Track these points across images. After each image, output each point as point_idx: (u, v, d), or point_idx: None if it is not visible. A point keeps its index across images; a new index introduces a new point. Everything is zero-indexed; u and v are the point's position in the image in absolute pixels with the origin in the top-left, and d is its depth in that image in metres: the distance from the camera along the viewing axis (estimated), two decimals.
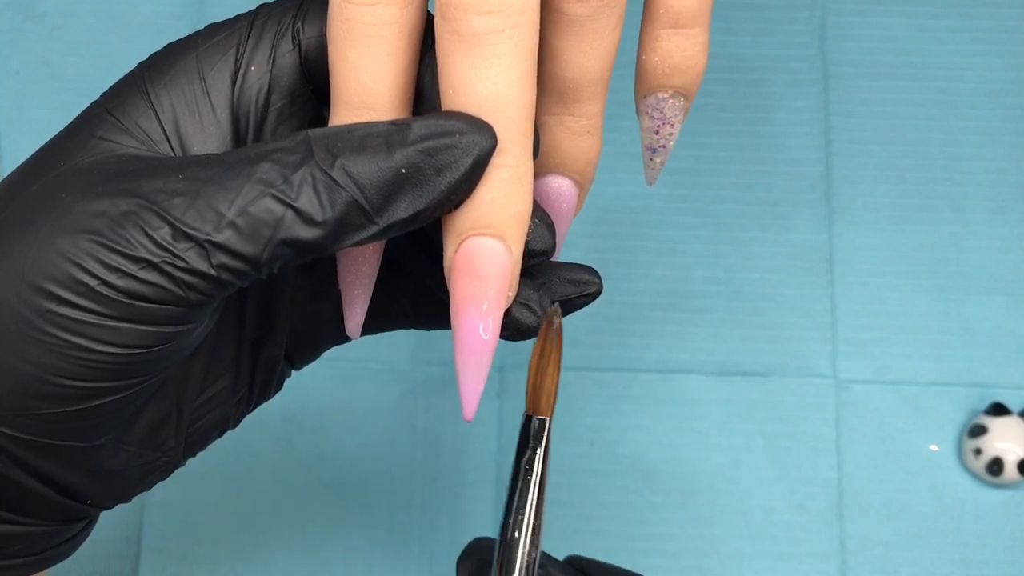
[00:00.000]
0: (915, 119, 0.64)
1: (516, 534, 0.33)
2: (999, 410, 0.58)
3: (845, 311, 0.62)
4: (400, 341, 0.61)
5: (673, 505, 0.60)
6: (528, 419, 0.34)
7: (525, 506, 0.33)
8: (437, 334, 0.58)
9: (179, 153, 0.31)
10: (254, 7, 0.33)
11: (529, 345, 0.34)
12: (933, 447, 0.60)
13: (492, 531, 0.59)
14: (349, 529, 0.60)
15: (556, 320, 0.32)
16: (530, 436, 0.33)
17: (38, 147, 0.32)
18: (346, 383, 0.61)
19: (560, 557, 0.59)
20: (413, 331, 0.39)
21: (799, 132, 0.64)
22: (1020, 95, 0.64)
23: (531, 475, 0.33)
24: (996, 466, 0.57)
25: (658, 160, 0.34)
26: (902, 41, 0.66)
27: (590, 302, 0.34)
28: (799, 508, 0.59)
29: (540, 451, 0.33)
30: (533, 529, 0.33)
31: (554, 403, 0.33)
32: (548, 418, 0.33)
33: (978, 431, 0.58)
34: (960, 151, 0.64)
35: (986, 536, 0.59)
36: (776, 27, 0.66)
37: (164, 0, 0.67)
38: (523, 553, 0.33)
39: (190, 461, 0.36)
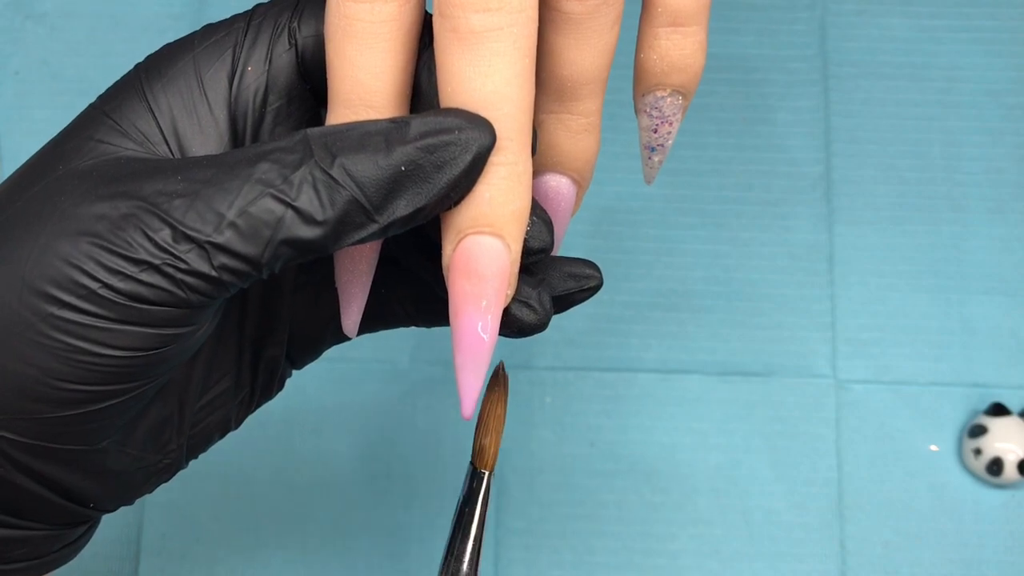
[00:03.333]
0: (915, 119, 0.64)
1: (458, 568, 0.38)
2: (999, 410, 0.58)
3: (845, 311, 0.62)
4: (400, 341, 0.61)
5: (673, 505, 0.60)
6: (473, 471, 0.38)
7: (467, 545, 0.38)
8: (437, 334, 0.58)
9: (177, 154, 0.31)
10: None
11: (524, 341, 0.34)
12: (933, 447, 0.60)
13: (491, 531, 0.59)
14: (349, 529, 0.60)
15: (502, 380, 0.35)
16: (472, 486, 0.39)
17: (38, 147, 0.32)
18: (346, 383, 0.61)
19: (560, 558, 0.59)
20: (413, 330, 0.39)
21: (799, 132, 0.64)
22: (1020, 95, 0.64)
23: (473, 520, 0.38)
24: (996, 466, 0.57)
25: (657, 159, 0.34)
26: (902, 41, 0.66)
27: (590, 296, 0.34)
28: (799, 508, 0.59)
29: (480, 501, 0.38)
30: (471, 566, 0.38)
31: (495, 459, 0.38)
32: (488, 472, 0.38)
33: (978, 431, 0.58)
34: (960, 151, 0.64)
35: (986, 536, 0.59)
36: (776, 27, 0.66)
37: (164, 0, 0.68)
38: None
39: (191, 462, 0.36)
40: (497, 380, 0.36)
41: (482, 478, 0.37)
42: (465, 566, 0.37)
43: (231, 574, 0.59)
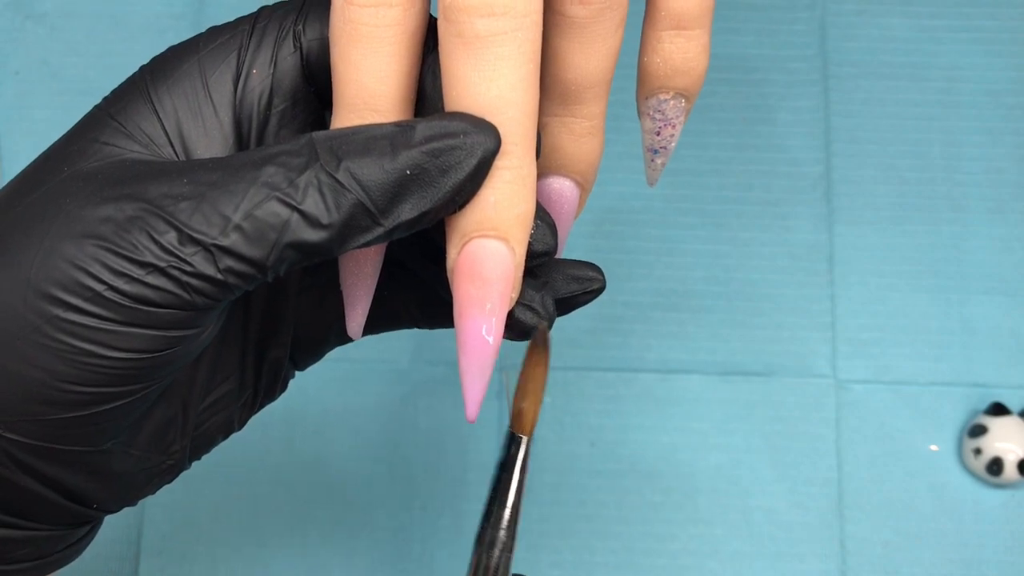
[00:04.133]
0: (915, 119, 0.64)
1: (495, 535, 0.36)
2: (999, 410, 0.58)
3: (845, 311, 0.62)
4: (401, 341, 0.61)
5: (673, 505, 0.60)
6: (511, 435, 0.36)
7: (504, 511, 0.36)
8: (438, 335, 0.58)
9: (182, 157, 0.31)
10: (255, 7, 0.33)
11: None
12: (933, 447, 0.60)
13: None
14: (349, 529, 0.60)
15: (542, 342, 0.34)
16: (510, 452, 0.36)
17: (38, 147, 0.32)
18: (347, 383, 0.61)
19: (560, 558, 0.59)
20: (414, 331, 0.39)
21: (799, 132, 0.64)
22: (1020, 95, 0.64)
23: (510, 486, 0.36)
24: (996, 466, 0.57)
25: (659, 161, 0.35)
26: (902, 41, 0.66)
27: (593, 299, 0.34)
28: (799, 508, 0.59)
29: (518, 466, 0.36)
30: (509, 533, 0.36)
31: (534, 424, 0.36)
32: (527, 437, 0.36)
33: (978, 431, 0.58)
34: (960, 151, 0.64)
35: (986, 536, 0.59)
36: (776, 27, 0.66)
37: (164, 0, 0.67)
38: (499, 555, 0.37)
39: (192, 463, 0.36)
40: (536, 342, 0.35)
41: (520, 443, 0.36)
42: (503, 533, 0.36)
43: (231, 574, 0.59)
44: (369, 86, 0.29)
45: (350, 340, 0.36)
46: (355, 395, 0.61)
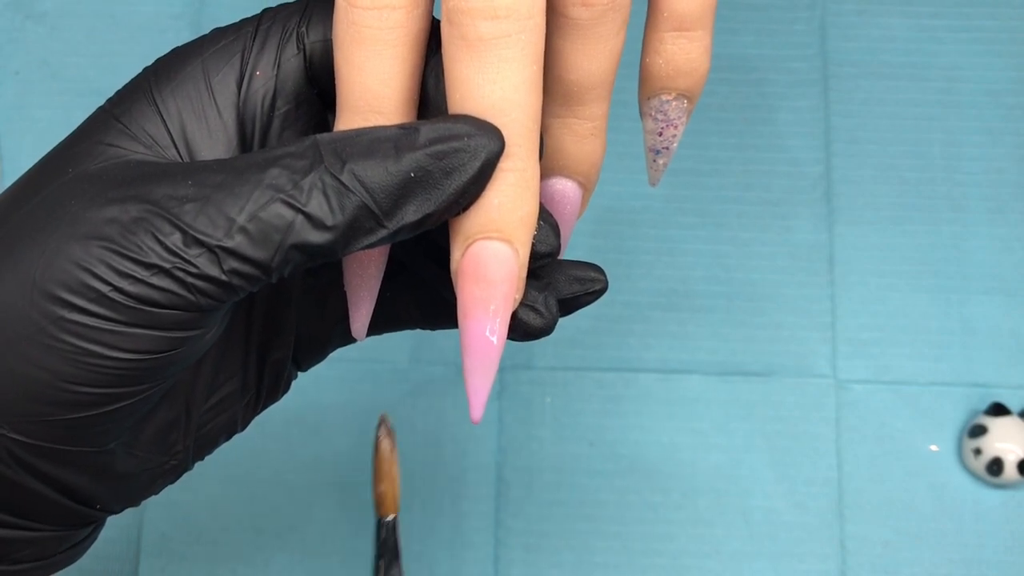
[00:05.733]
0: (915, 119, 0.64)
1: None
2: (999, 410, 0.58)
3: (845, 311, 0.62)
4: (400, 341, 0.61)
5: (673, 505, 0.60)
6: (379, 521, 0.36)
7: None
8: (437, 334, 0.58)
9: (186, 158, 0.31)
10: (254, 6, 0.33)
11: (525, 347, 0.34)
12: (933, 447, 0.60)
13: (491, 531, 0.59)
14: (349, 529, 0.60)
15: (384, 435, 0.34)
16: (381, 536, 0.37)
17: (38, 147, 0.32)
18: (346, 383, 0.61)
19: (560, 558, 0.59)
20: (413, 331, 0.39)
21: (799, 132, 0.64)
22: (1020, 95, 0.64)
23: (392, 569, 0.37)
24: (996, 466, 0.57)
25: (661, 162, 0.35)
26: (902, 41, 0.66)
27: (595, 300, 0.34)
28: (799, 508, 0.59)
29: (391, 548, 0.37)
30: None
31: (397, 503, 0.36)
32: (394, 515, 0.36)
33: (978, 431, 0.58)
34: (960, 151, 0.64)
35: (986, 536, 0.59)
36: (777, 27, 0.66)
37: (164, 0, 0.67)
38: None
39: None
40: (380, 428, 0.34)
41: (387, 526, 0.37)
42: None
43: (231, 574, 0.59)
44: (373, 88, 0.29)
45: (353, 341, 0.36)
46: (354, 395, 0.61)
